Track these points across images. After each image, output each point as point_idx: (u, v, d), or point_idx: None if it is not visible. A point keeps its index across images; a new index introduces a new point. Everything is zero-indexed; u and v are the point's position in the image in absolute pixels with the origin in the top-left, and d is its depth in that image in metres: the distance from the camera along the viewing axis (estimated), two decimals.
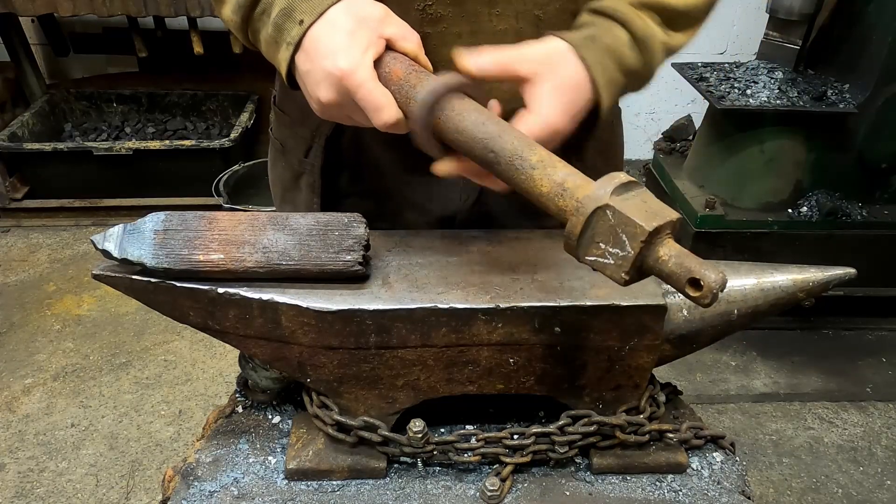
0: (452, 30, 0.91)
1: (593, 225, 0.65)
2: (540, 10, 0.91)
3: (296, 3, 0.80)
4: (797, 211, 2.66)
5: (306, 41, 0.80)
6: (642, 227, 0.63)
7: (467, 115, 0.75)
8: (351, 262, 0.80)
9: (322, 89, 0.80)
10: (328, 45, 0.79)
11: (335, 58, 0.78)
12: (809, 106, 2.45)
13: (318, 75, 0.80)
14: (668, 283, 0.65)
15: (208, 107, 3.94)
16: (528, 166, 0.71)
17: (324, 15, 0.79)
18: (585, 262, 0.67)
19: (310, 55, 0.80)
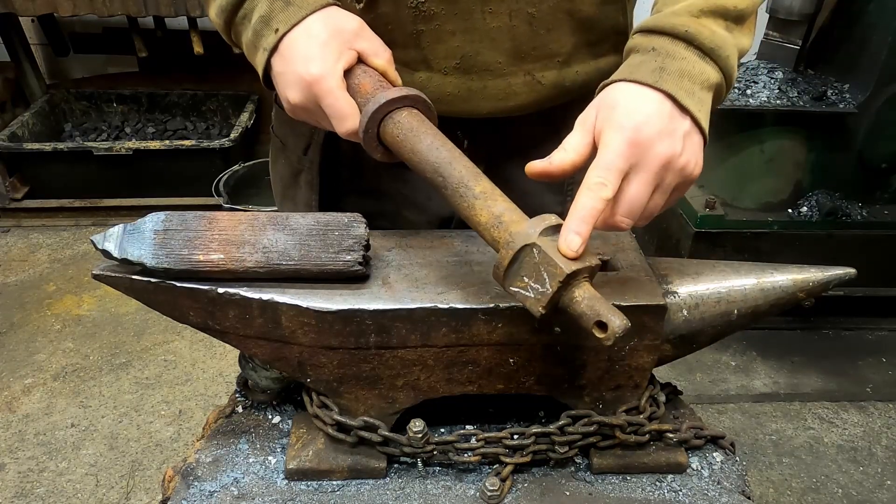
0: (446, 27, 0.91)
1: (520, 259, 0.71)
2: (533, 8, 0.91)
3: (274, 13, 0.84)
4: (797, 211, 2.66)
5: (283, 45, 0.84)
6: (562, 268, 0.68)
7: (424, 137, 0.79)
8: (351, 262, 0.80)
9: (292, 91, 0.84)
10: (303, 52, 0.83)
11: (308, 64, 0.82)
12: (809, 106, 2.45)
13: (290, 77, 0.83)
14: (577, 322, 0.70)
15: (208, 107, 3.94)
16: (472, 195, 0.76)
17: (301, 23, 0.83)
18: (509, 293, 0.73)
19: (285, 59, 0.84)
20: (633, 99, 0.75)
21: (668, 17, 0.79)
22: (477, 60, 0.93)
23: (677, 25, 0.77)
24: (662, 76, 0.75)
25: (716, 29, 0.79)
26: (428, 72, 0.94)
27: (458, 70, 0.94)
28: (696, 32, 0.77)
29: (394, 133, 0.81)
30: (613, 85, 0.78)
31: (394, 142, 0.81)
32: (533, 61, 0.95)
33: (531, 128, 1.06)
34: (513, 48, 0.93)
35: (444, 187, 0.77)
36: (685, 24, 0.77)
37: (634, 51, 0.80)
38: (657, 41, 0.78)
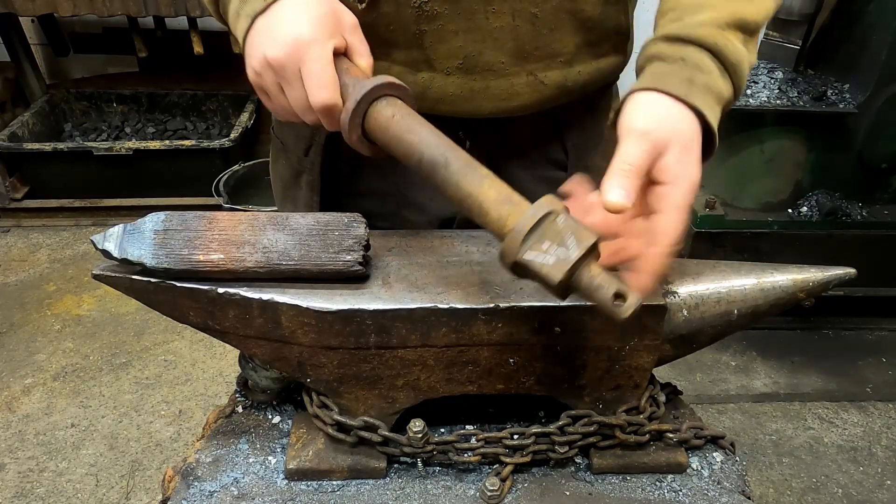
0: (448, 27, 0.90)
1: (543, 226, 0.69)
2: (536, 8, 0.90)
3: None
4: (797, 211, 2.66)
5: (272, 8, 0.78)
6: (591, 234, 0.68)
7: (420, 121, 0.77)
8: (351, 262, 0.80)
9: (273, 47, 0.77)
10: (295, 15, 0.77)
11: (299, 26, 0.76)
12: (809, 106, 2.45)
13: (274, 33, 0.77)
14: (592, 295, 0.68)
15: (208, 107, 3.94)
16: (481, 174, 0.74)
17: None
18: (520, 260, 0.69)
19: (272, 17, 0.78)
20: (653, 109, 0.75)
21: (695, 27, 0.77)
22: (480, 60, 0.93)
23: (705, 37, 0.77)
24: (692, 90, 0.75)
25: (737, 43, 0.79)
26: (430, 72, 0.94)
27: (460, 70, 0.94)
28: (723, 46, 0.77)
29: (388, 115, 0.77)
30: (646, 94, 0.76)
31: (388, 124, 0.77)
32: (535, 61, 0.95)
33: (532, 128, 1.06)
34: (515, 48, 0.93)
35: (446, 165, 0.75)
36: (713, 35, 0.77)
37: (660, 58, 0.78)
38: (686, 51, 0.77)
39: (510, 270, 0.71)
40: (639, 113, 0.75)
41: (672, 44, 0.78)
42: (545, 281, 0.69)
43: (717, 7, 0.79)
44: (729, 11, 0.79)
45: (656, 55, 0.79)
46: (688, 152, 0.74)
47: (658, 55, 0.79)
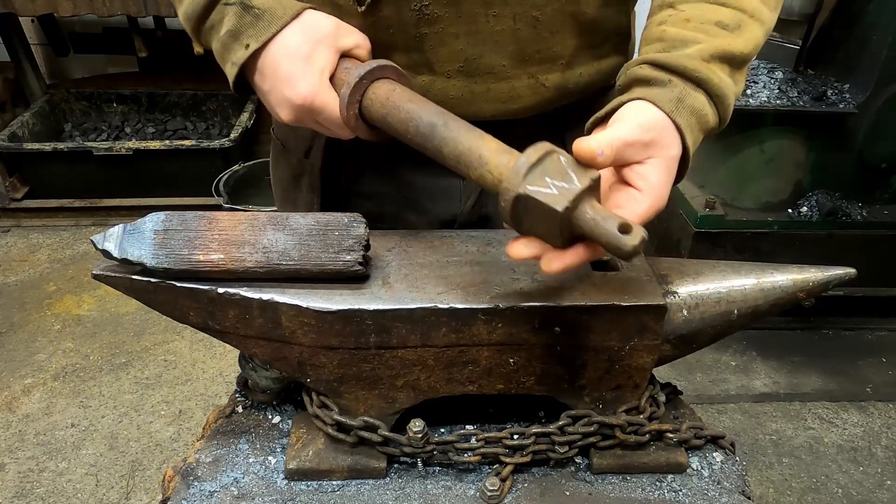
0: (449, 30, 0.90)
1: (545, 162, 0.68)
2: (538, 12, 0.90)
3: (243, 28, 0.82)
4: (797, 211, 2.66)
5: (262, 64, 0.83)
6: (593, 170, 0.68)
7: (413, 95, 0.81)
8: (351, 262, 0.80)
9: (284, 111, 0.84)
10: (286, 71, 0.82)
11: (294, 84, 0.81)
12: (809, 106, 2.45)
13: (278, 98, 0.84)
14: (596, 228, 0.66)
15: (208, 107, 3.94)
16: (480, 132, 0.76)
17: (277, 39, 0.82)
18: (523, 192, 0.67)
19: (268, 78, 0.83)
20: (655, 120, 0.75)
21: (681, 58, 0.78)
22: (480, 63, 0.93)
23: (689, 69, 0.77)
24: (679, 109, 0.76)
25: (722, 76, 0.79)
26: (431, 75, 0.94)
27: (461, 73, 0.94)
28: (706, 79, 0.77)
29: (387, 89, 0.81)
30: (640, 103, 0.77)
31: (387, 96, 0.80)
32: (536, 64, 0.95)
33: (533, 129, 1.05)
34: (516, 51, 0.93)
35: (445, 124, 0.76)
36: (697, 68, 0.77)
37: (647, 81, 0.78)
38: (672, 77, 0.78)
39: (511, 209, 0.69)
40: (634, 114, 0.75)
41: (658, 70, 0.78)
42: (548, 212, 0.67)
43: (703, 41, 0.79)
44: (715, 45, 0.79)
45: (643, 78, 0.79)
46: (666, 169, 0.75)
47: (645, 78, 0.79)
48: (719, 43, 0.80)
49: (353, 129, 0.84)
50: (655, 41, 0.83)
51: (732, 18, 0.82)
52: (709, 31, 0.81)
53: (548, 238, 0.71)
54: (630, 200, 0.73)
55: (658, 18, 0.85)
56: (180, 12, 0.89)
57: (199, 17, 0.86)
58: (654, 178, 0.74)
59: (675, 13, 0.84)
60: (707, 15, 0.82)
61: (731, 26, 0.82)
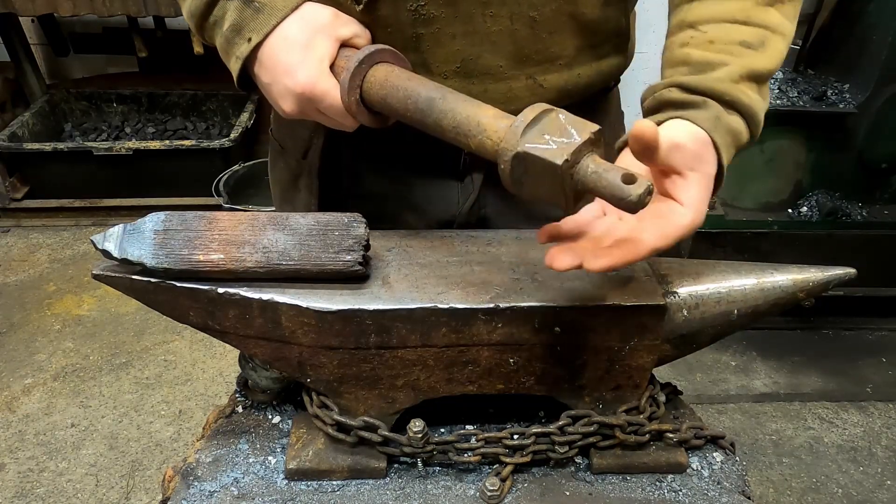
0: (446, 31, 0.90)
1: (543, 120, 0.68)
2: (535, 12, 0.90)
3: (245, 21, 0.83)
4: (797, 211, 2.66)
5: (262, 55, 0.84)
6: (593, 125, 0.68)
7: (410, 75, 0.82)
8: (351, 262, 0.80)
9: (286, 102, 0.85)
10: (286, 61, 0.83)
11: (295, 74, 0.82)
12: (809, 106, 2.45)
13: (279, 89, 0.84)
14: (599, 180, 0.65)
15: (208, 107, 3.93)
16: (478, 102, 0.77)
17: (277, 30, 0.83)
18: (521, 150, 0.67)
19: (269, 70, 0.84)
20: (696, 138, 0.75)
21: (711, 80, 0.78)
22: (478, 64, 0.93)
23: (719, 92, 0.78)
24: (717, 127, 0.76)
25: (751, 94, 0.80)
26: (428, 75, 0.94)
27: (458, 74, 0.94)
28: (737, 100, 0.78)
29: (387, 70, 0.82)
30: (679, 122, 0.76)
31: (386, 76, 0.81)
32: (535, 65, 0.95)
33: None
34: (514, 52, 0.93)
35: (443, 97, 0.77)
36: (727, 91, 0.78)
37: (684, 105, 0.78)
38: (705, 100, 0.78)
39: (511, 171, 0.68)
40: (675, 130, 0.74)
41: (690, 94, 0.78)
42: (549, 168, 0.65)
43: (730, 62, 0.79)
44: (741, 65, 0.79)
45: (677, 101, 0.79)
46: (706, 185, 0.75)
47: (678, 101, 0.79)
48: (745, 63, 0.80)
49: (355, 114, 0.85)
50: (680, 64, 0.82)
51: (756, 37, 0.82)
52: (733, 51, 0.80)
53: (552, 198, 0.69)
54: (672, 212, 0.73)
55: (680, 40, 0.84)
56: (184, 11, 0.89)
57: (202, 14, 0.86)
58: (695, 192, 0.73)
59: (698, 34, 0.83)
60: (731, 35, 0.81)
61: (756, 44, 0.81)
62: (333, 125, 0.89)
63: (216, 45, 0.90)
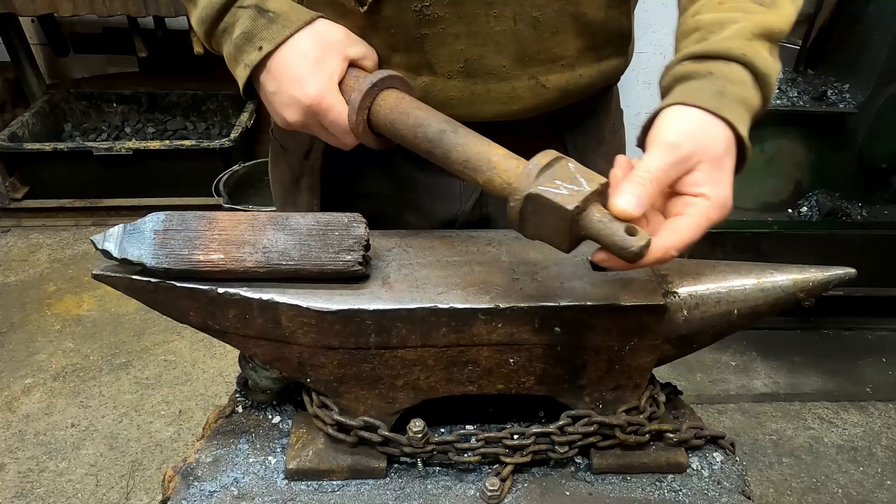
0: (450, 31, 0.90)
1: (554, 167, 0.71)
2: (538, 12, 0.90)
3: (257, 30, 0.83)
4: (797, 211, 2.66)
5: (272, 64, 0.84)
6: (601, 177, 0.71)
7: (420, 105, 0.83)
8: (351, 262, 0.80)
9: (290, 111, 0.85)
10: (296, 71, 0.83)
11: (303, 84, 0.83)
12: (809, 106, 2.45)
13: (284, 98, 0.85)
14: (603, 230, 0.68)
15: (208, 107, 3.93)
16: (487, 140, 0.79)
17: (290, 41, 0.83)
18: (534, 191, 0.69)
19: (276, 78, 0.85)
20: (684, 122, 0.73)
21: (721, 41, 0.76)
22: (481, 64, 0.93)
23: (733, 49, 0.75)
24: (723, 102, 0.73)
25: (765, 54, 0.78)
26: (431, 76, 0.94)
27: (461, 74, 0.94)
28: (752, 57, 0.76)
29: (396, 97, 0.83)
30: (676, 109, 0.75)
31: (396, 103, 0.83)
32: (537, 65, 0.95)
33: (533, 131, 1.05)
34: (517, 52, 0.93)
35: (455, 130, 0.79)
36: (740, 47, 0.75)
37: (688, 77, 0.77)
38: (713, 66, 0.76)
39: (521, 210, 0.70)
40: (668, 126, 0.73)
41: (698, 61, 0.77)
42: (559, 211, 0.68)
43: (742, 20, 0.78)
44: (754, 22, 0.78)
45: (683, 75, 0.77)
46: (719, 168, 0.73)
47: (685, 74, 0.77)
48: (759, 19, 0.78)
49: (360, 135, 0.86)
50: (692, 31, 0.81)
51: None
52: (745, 8, 0.79)
53: (554, 239, 0.72)
54: (687, 206, 0.72)
55: (692, 10, 0.83)
56: (194, 16, 0.89)
57: (213, 20, 0.86)
58: (707, 185, 0.72)
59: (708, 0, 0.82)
60: None
61: (767, 2, 0.80)
62: (332, 141, 0.90)
63: (222, 53, 0.90)
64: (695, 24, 0.81)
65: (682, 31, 0.84)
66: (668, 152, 0.71)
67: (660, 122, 0.74)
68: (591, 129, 1.11)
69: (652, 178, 0.70)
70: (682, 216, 0.71)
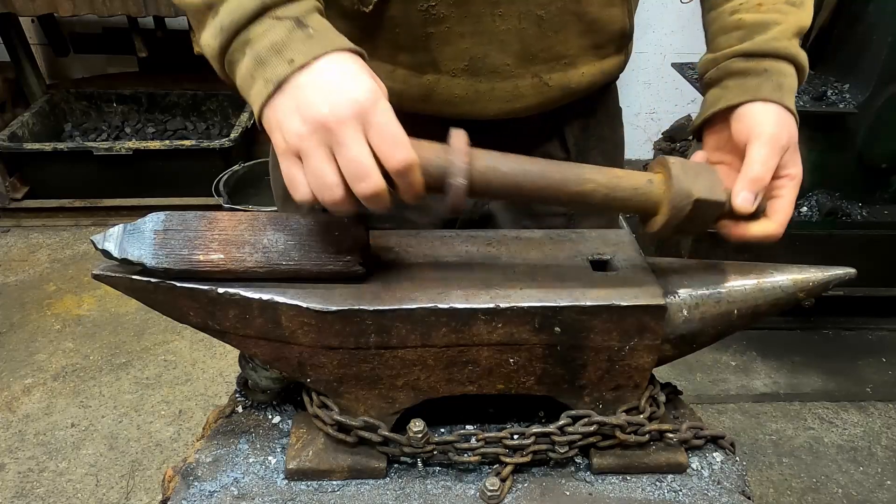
0: (455, 30, 0.90)
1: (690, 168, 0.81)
2: (542, 11, 0.91)
3: (291, 42, 0.69)
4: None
5: (303, 78, 0.69)
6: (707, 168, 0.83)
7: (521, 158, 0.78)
8: (351, 262, 0.80)
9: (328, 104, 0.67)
10: (339, 79, 0.68)
11: (359, 82, 0.68)
12: (809, 106, 2.45)
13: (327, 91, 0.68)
14: None
15: (208, 107, 3.94)
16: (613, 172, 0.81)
17: (327, 56, 0.69)
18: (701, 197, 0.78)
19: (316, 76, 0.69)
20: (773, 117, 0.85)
21: (769, 42, 0.88)
22: (485, 63, 0.93)
23: (782, 49, 0.88)
24: (784, 95, 0.86)
25: (799, 48, 0.90)
26: (436, 74, 0.94)
27: (466, 72, 0.94)
28: (795, 53, 0.89)
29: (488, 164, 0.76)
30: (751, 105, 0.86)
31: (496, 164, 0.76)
32: (540, 63, 0.95)
33: (534, 127, 1.06)
34: (521, 50, 0.93)
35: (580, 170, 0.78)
36: (787, 47, 0.88)
37: (744, 73, 0.88)
38: (766, 63, 0.87)
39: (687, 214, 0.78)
40: (761, 122, 0.84)
41: (751, 59, 0.88)
42: (716, 206, 0.80)
43: (782, 21, 0.89)
44: (792, 23, 0.89)
45: (739, 71, 0.88)
46: (796, 150, 0.86)
47: (741, 71, 0.88)
48: (794, 20, 0.90)
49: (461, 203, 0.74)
50: (734, 29, 0.91)
51: None
52: (781, 9, 0.90)
53: (698, 229, 0.82)
54: (781, 188, 0.86)
55: (730, 7, 0.92)
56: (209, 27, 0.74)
57: (237, 29, 0.71)
58: (792, 165, 0.86)
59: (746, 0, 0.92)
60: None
61: (797, 2, 0.91)
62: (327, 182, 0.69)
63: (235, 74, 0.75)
64: (736, 22, 0.91)
65: (719, 27, 0.93)
66: (774, 145, 0.83)
67: (750, 120, 0.85)
68: (590, 125, 1.11)
69: (767, 173, 0.83)
70: (781, 198, 0.86)
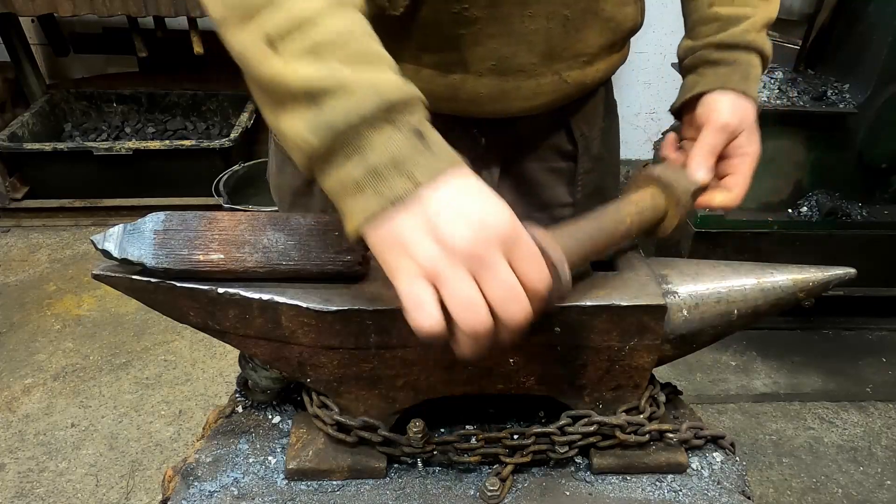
0: (485, 30, 0.92)
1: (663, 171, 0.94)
2: (568, 10, 0.93)
3: (412, 156, 0.62)
4: (797, 211, 2.66)
5: (431, 196, 0.62)
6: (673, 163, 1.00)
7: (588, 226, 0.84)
8: (351, 262, 0.80)
9: (477, 229, 0.61)
10: (473, 202, 0.63)
11: (492, 209, 0.63)
12: (809, 106, 2.45)
13: (469, 214, 0.62)
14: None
15: (208, 107, 3.94)
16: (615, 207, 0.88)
17: (449, 173, 0.63)
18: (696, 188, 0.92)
19: (443, 210, 0.61)
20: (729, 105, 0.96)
21: (741, 34, 0.98)
22: (513, 62, 0.95)
23: (752, 41, 0.98)
24: (748, 84, 0.97)
25: (767, 40, 1.00)
26: (463, 73, 0.95)
27: (492, 72, 0.95)
28: (762, 45, 0.99)
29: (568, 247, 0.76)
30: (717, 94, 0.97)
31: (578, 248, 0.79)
32: (562, 61, 0.98)
33: (542, 121, 1.08)
34: (546, 50, 0.95)
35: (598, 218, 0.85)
36: (755, 39, 0.98)
37: (716, 62, 0.99)
38: (736, 55, 0.98)
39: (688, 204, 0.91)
40: (717, 111, 0.95)
41: (724, 50, 0.98)
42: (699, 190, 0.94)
43: (752, 14, 0.98)
44: (761, 16, 0.99)
45: (712, 60, 0.99)
46: (752, 131, 0.97)
47: (715, 60, 0.99)
48: (763, 14, 0.99)
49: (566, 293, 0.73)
50: (712, 21, 1.00)
51: None
52: (751, 3, 0.99)
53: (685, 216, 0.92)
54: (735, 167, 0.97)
55: (707, 1, 1.01)
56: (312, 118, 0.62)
57: (350, 133, 0.61)
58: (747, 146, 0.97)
59: None
60: None
61: None
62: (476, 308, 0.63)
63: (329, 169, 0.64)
64: (713, 15, 1.00)
65: (699, 18, 1.02)
66: (722, 131, 0.95)
67: (708, 107, 0.96)
68: (593, 116, 1.15)
69: (714, 151, 0.95)
70: (739, 174, 0.96)
